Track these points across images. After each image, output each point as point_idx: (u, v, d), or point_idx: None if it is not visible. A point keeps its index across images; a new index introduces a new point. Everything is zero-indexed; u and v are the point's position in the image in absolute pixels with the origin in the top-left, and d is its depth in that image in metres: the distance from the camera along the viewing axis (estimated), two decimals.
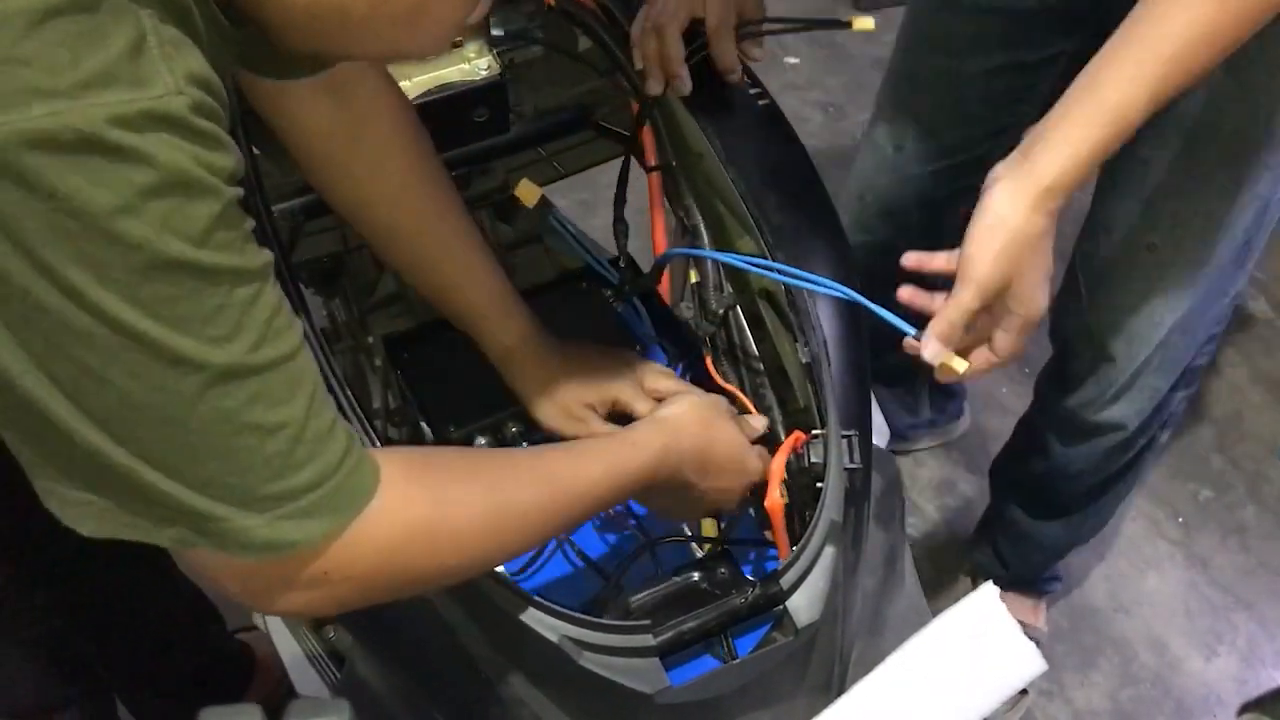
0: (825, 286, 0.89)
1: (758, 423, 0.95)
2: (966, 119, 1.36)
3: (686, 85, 1.07)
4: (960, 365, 0.85)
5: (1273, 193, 1.16)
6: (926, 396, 1.82)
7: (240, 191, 0.55)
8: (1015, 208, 0.82)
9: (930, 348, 0.84)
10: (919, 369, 1.78)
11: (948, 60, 1.32)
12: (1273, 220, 1.21)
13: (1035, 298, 0.84)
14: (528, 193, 1.17)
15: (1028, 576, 1.67)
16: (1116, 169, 1.18)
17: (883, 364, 1.05)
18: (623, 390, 0.97)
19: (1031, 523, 1.58)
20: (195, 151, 0.52)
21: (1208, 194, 1.14)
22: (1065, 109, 0.83)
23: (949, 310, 0.84)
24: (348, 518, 0.61)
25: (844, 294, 0.87)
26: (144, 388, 0.52)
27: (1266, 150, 1.11)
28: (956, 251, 0.85)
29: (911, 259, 0.89)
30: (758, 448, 0.92)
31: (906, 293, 0.89)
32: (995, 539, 1.66)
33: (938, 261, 0.87)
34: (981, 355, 0.87)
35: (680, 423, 0.86)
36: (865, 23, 1.06)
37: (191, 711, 0.55)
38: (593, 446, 0.82)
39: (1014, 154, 0.85)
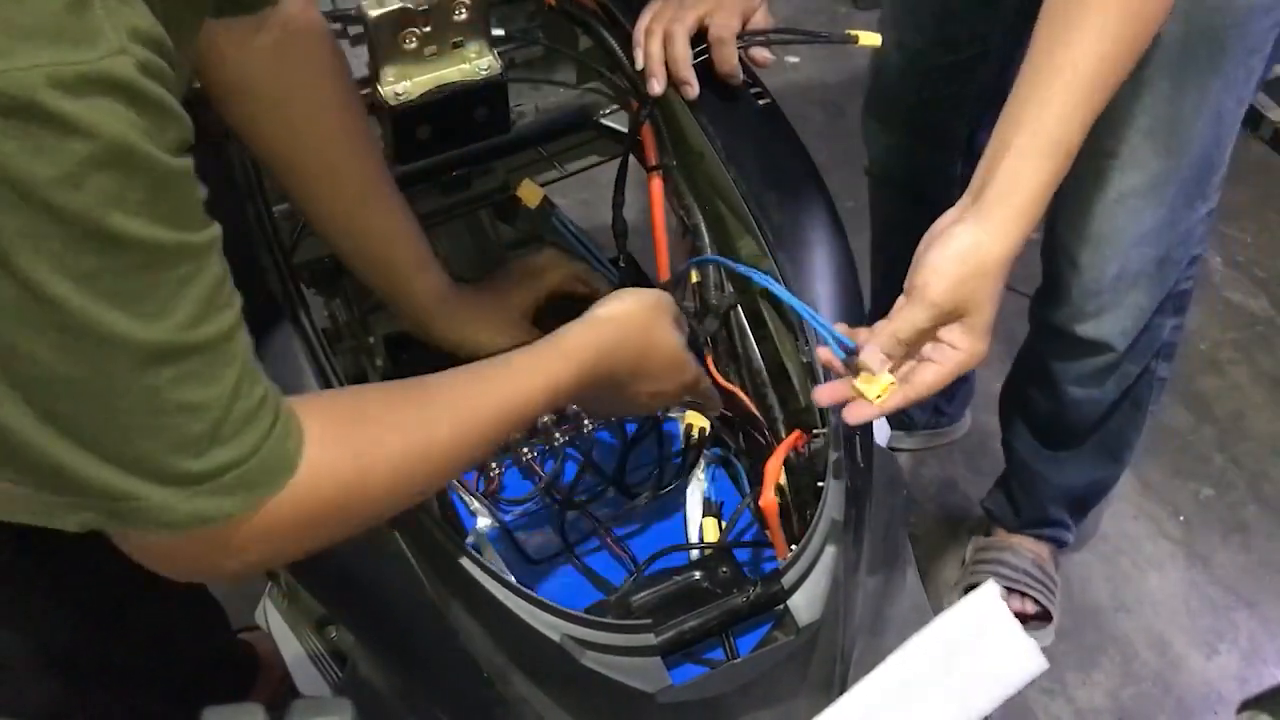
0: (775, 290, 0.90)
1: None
2: (954, 18, 1.38)
3: (695, 90, 1.07)
4: (874, 390, 0.83)
5: (1223, 102, 1.17)
6: None
7: (189, 161, 0.53)
8: (980, 241, 0.82)
9: (871, 355, 0.82)
10: None
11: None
12: (1230, 134, 1.23)
13: (984, 341, 0.83)
14: (530, 193, 1.17)
15: (1038, 518, 1.66)
16: None
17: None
18: (560, 279, 0.99)
19: (1039, 457, 1.59)
20: (139, 120, 0.49)
21: (1156, 100, 1.15)
22: (1006, 145, 0.84)
23: (898, 322, 0.83)
24: (269, 492, 0.60)
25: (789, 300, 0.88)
26: (71, 362, 0.51)
27: (1212, 56, 1.13)
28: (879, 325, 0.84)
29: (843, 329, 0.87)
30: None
31: (825, 355, 0.87)
32: (1008, 482, 1.67)
33: (861, 335, 0.85)
34: (899, 393, 0.84)
35: (618, 324, 0.83)
36: (872, 38, 1.07)
37: (195, 712, 0.55)
38: (523, 364, 0.77)
39: (965, 198, 0.85)
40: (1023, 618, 1.63)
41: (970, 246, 0.82)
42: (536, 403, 0.77)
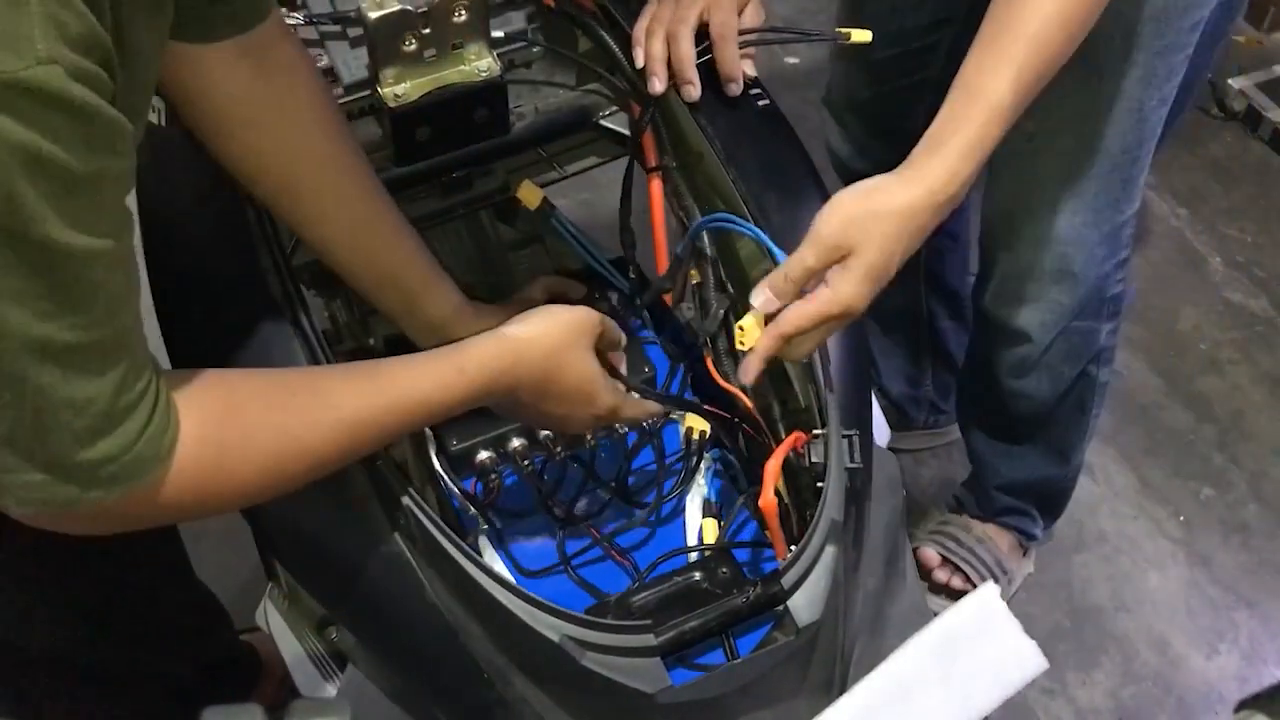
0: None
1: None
2: (902, 9, 1.38)
3: (697, 90, 1.07)
4: (752, 334, 0.84)
5: (1144, 97, 1.18)
6: (929, 362, 1.82)
7: (118, 163, 0.54)
8: (886, 184, 0.84)
9: (759, 296, 0.84)
10: (918, 333, 1.78)
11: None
12: (1153, 135, 1.23)
13: (859, 285, 0.83)
14: (530, 194, 1.17)
15: (996, 507, 1.68)
16: None
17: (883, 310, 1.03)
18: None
19: (990, 449, 1.61)
20: (61, 127, 0.49)
21: (1072, 87, 1.14)
22: (942, 110, 0.87)
23: (791, 265, 0.84)
24: (138, 483, 0.62)
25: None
26: None
27: (1125, 46, 1.13)
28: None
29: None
30: (632, 398, 0.92)
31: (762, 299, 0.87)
32: (971, 469, 1.70)
33: None
34: (766, 331, 0.85)
35: (522, 346, 0.82)
36: (862, 35, 1.07)
37: (197, 712, 0.55)
38: (420, 371, 0.78)
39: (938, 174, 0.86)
40: (950, 590, 1.66)
41: (871, 188, 0.84)
42: (429, 412, 0.78)
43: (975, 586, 1.63)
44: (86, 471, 0.59)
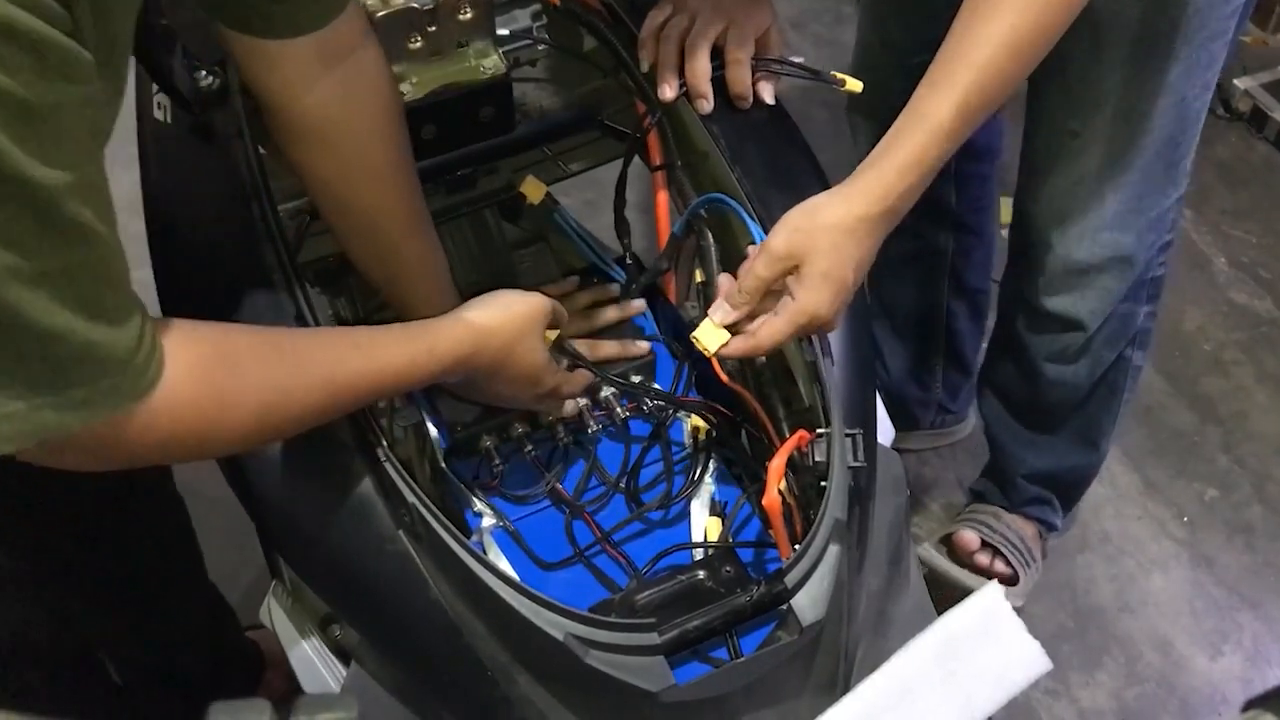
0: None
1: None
2: (936, 15, 1.36)
3: (710, 105, 1.08)
4: (713, 340, 0.91)
5: (1187, 87, 1.19)
6: (941, 362, 1.82)
7: (77, 90, 0.54)
8: (829, 201, 0.89)
9: (718, 311, 0.92)
10: (934, 334, 1.78)
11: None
12: (1196, 120, 1.25)
13: (818, 291, 0.89)
14: (533, 189, 1.17)
15: (1021, 497, 1.68)
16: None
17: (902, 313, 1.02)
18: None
19: (1018, 439, 1.61)
20: (3, 56, 0.50)
21: (1117, 82, 1.18)
22: (890, 129, 0.91)
23: (745, 277, 0.91)
24: (118, 414, 0.63)
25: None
26: None
27: (1171, 40, 1.14)
28: None
29: None
30: (575, 374, 0.98)
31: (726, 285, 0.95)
32: (991, 467, 1.70)
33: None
34: (740, 339, 0.92)
35: (488, 333, 0.87)
36: (854, 84, 1.09)
37: (203, 708, 0.55)
38: (392, 343, 0.82)
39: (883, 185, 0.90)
40: (991, 574, 1.66)
41: (816, 203, 0.90)
42: (398, 384, 0.83)
43: (1015, 571, 1.65)
44: (67, 398, 0.59)
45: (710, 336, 0.92)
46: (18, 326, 0.56)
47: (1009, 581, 1.67)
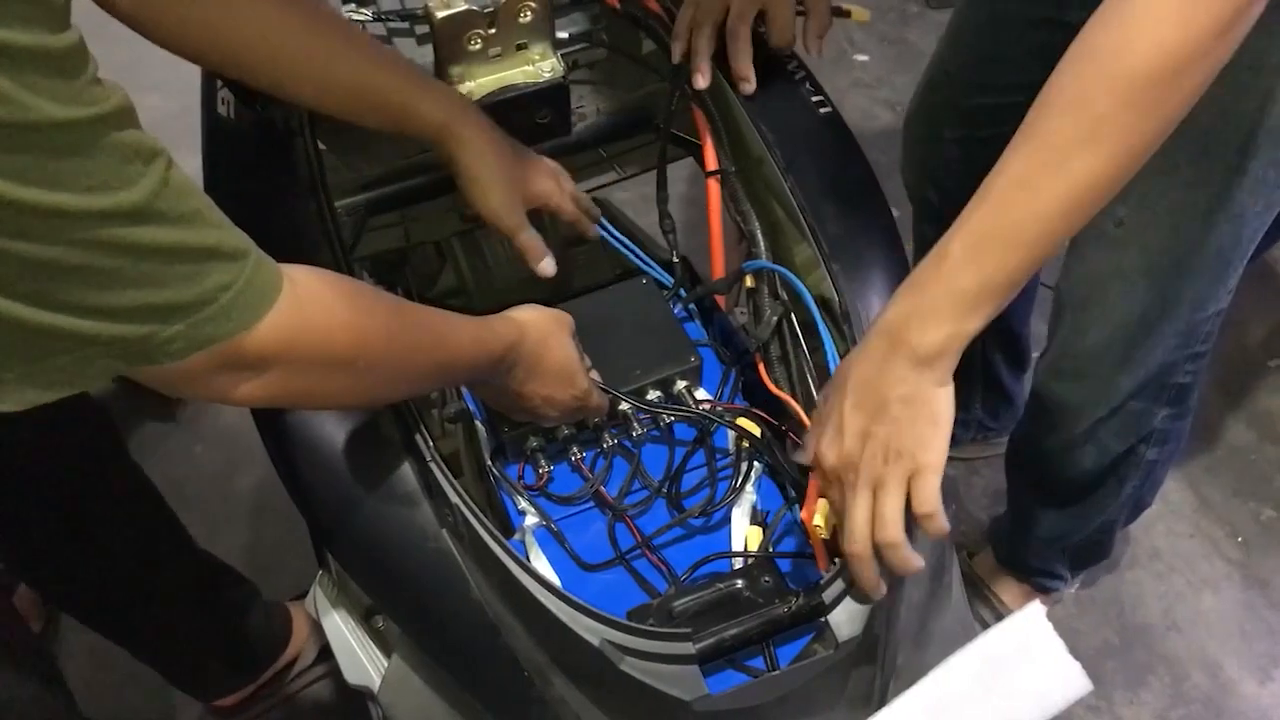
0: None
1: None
2: (1004, 61, 1.34)
3: (753, 85, 1.08)
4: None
5: (1250, 202, 1.11)
6: (979, 392, 1.80)
7: (66, 37, 0.53)
8: (846, 361, 0.86)
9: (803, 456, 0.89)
10: (970, 375, 1.76)
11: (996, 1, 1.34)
12: (1252, 239, 1.17)
13: (815, 436, 0.87)
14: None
15: (1019, 560, 1.66)
16: None
17: None
18: (550, 192, 1.04)
19: (1024, 501, 1.58)
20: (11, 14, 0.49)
21: (1176, 184, 1.11)
22: (936, 269, 0.80)
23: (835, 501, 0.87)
24: (263, 310, 0.63)
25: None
26: (37, 248, 0.53)
27: (1241, 154, 1.08)
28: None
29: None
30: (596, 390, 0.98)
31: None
32: (1006, 517, 1.67)
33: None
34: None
35: (528, 326, 0.90)
36: (860, 14, 1.09)
37: (226, 668, 0.57)
38: (464, 320, 0.84)
39: (889, 308, 0.83)
40: None
41: (869, 376, 0.83)
42: (469, 363, 0.84)
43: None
44: (204, 306, 0.60)
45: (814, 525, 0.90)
46: (136, 256, 0.56)
47: None
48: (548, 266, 1.05)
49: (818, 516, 0.89)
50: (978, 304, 0.80)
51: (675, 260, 1.15)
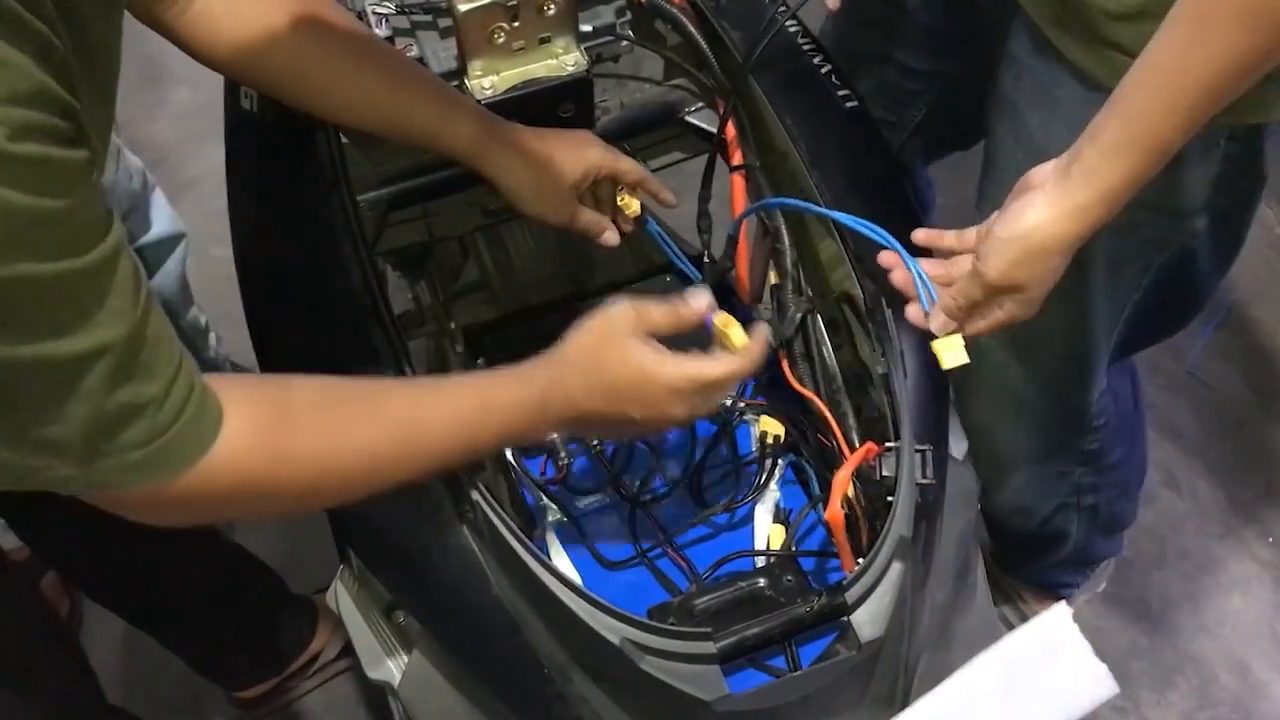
0: (869, 230, 0.88)
1: (697, 303, 0.84)
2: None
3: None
4: (953, 356, 0.88)
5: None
6: None
7: (80, 195, 0.55)
8: (1045, 222, 0.83)
9: (937, 320, 0.89)
10: None
11: (867, 37, 1.36)
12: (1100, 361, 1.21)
13: (1032, 308, 0.88)
14: (628, 203, 1.14)
15: (1021, 580, 1.66)
16: None
17: None
18: (601, 159, 1.03)
19: (999, 550, 1.63)
20: (13, 179, 0.51)
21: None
22: (1105, 130, 0.81)
23: (958, 296, 0.88)
24: (177, 472, 0.63)
25: (885, 240, 0.88)
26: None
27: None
28: (966, 231, 0.90)
29: (921, 236, 0.92)
30: (721, 359, 0.82)
31: (922, 235, 0.93)
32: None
33: (947, 240, 0.92)
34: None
35: (567, 353, 0.80)
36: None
37: (252, 661, 0.58)
38: (469, 386, 0.79)
39: (1055, 165, 0.84)
40: None
41: (1033, 227, 0.83)
42: (485, 428, 0.78)
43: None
44: (116, 461, 0.60)
45: (951, 352, 0.88)
46: (79, 400, 0.57)
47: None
48: (611, 237, 1.06)
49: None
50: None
51: (707, 260, 1.14)
